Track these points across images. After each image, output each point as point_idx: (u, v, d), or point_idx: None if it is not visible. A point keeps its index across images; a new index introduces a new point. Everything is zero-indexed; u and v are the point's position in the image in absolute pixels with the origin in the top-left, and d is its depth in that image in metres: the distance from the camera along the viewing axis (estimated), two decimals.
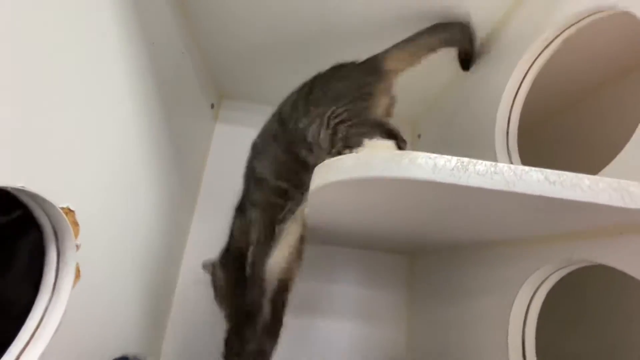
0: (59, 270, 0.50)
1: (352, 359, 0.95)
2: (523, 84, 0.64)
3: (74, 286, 0.50)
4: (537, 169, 0.33)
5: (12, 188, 0.38)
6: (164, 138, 0.75)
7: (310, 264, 0.99)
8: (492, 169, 0.33)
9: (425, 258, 0.96)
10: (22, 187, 0.39)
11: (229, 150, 1.04)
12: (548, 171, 0.33)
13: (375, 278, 1.02)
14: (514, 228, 0.53)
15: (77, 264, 0.50)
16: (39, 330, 0.47)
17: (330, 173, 0.37)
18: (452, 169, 0.33)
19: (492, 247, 0.66)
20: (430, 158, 0.33)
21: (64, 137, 0.46)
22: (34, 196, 0.43)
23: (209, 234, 0.86)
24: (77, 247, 0.50)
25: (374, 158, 0.35)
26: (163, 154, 0.75)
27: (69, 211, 0.48)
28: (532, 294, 0.56)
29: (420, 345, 0.90)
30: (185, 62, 0.80)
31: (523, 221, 0.48)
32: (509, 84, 0.64)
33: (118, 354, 0.64)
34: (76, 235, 0.50)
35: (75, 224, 0.50)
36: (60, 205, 0.46)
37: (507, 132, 0.66)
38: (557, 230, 0.50)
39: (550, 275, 0.55)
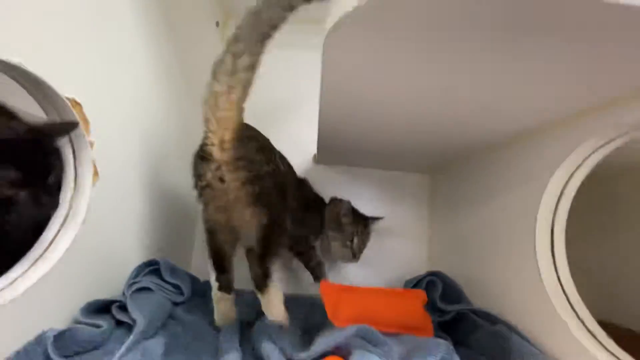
0: (77, 169, 0.50)
1: (375, 276, 0.97)
2: None
3: (93, 184, 0.51)
4: None
5: (8, 63, 0.37)
6: (168, 49, 0.72)
7: (332, 184, 0.99)
8: None
9: (446, 173, 0.92)
10: (19, 63, 0.37)
11: None
12: None
13: (396, 197, 1.01)
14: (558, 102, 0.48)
15: (94, 161, 0.51)
16: (65, 225, 0.48)
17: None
18: None
19: (518, 141, 0.61)
20: None
21: (65, 31, 0.44)
22: (36, 81, 0.41)
23: None
24: (91, 143, 0.50)
25: None
26: (167, 63, 0.72)
27: (76, 104, 0.47)
28: (565, 181, 0.52)
29: (441, 258, 0.90)
30: None
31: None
32: None
33: (147, 259, 0.66)
34: (87, 131, 0.49)
35: (85, 120, 0.49)
36: (65, 95, 0.45)
37: None
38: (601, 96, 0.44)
39: (586, 159, 0.50)
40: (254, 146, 0.58)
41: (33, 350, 0.37)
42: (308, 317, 0.66)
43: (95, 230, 0.54)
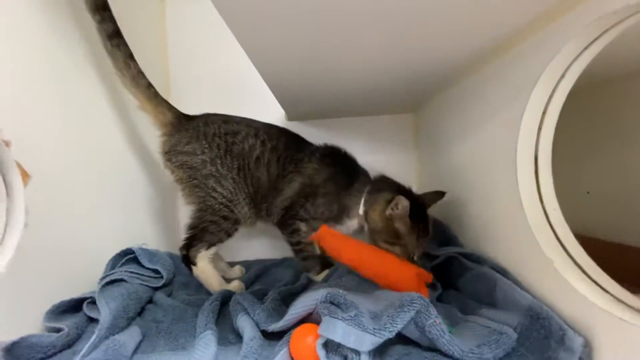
0: (4, 176, 0.47)
1: None
2: None
3: (25, 185, 0.47)
4: None
5: None
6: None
7: (316, 138, 0.93)
8: None
9: (429, 108, 0.84)
10: None
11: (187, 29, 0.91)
12: None
13: (381, 141, 0.95)
14: None
15: (17, 162, 0.46)
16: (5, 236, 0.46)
17: None
18: None
19: (493, 59, 0.53)
20: None
21: None
22: None
23: None
24: (7, 143, 0.45)
25: None
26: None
27: None
28: (547, 96, 0.44)
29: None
30: None
31: None
32: None
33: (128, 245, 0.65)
34: None
35: None
36: None
37: None
38: None
39: (569, 67, 0.41)
40: (185, 136, 0.69)
41: None
42: (289, 284, 0.65)
43: (55, 230, 0.52)
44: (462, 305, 0.51)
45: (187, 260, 0.68)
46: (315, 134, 0.93)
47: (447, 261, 0.63)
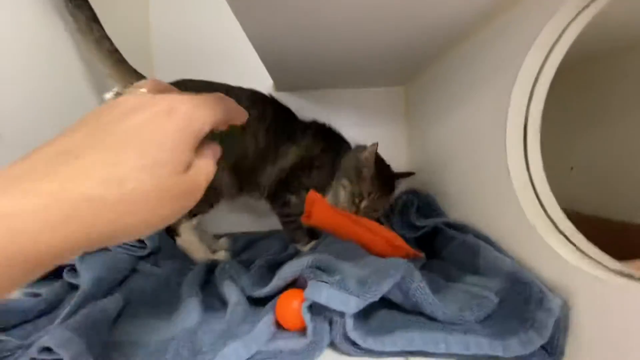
0: None
1: None
2: None
3: None
4: None
5: None
6: None
7: (305, 110, 0.91)
8: None
9: (420, 81, 0.82)
10: None
11: None
12: None
13: (371, 114, 0.94)
14: None
15: None
16: None
17: None
18: None
19: (484, 26, 0.51)
20: None
21: None
22: None
23: None
24: None
25: None
26: None
27: None
28: (540, 63, 0.43)
29: (420, 172, 0.85)
30: None
31: None
32: None
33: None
34: None
35: None
36: None
37: None
38: None
39: (563, 32, 0.41)
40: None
41: None
42: (278, 254, 0.65)
43: None
44: (446, 273, 0.52)
45: (170, 231, 0.67)
46: (305, 106, 0.91)
47: (432, 233, 0.64)
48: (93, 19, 0.60)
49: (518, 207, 0.43)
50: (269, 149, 0.69)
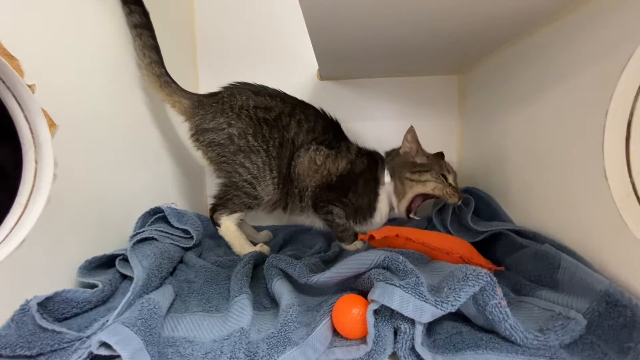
0: (29, 122, 0.43)
1: None
2: None
3: (52, 135, 0.44)
4: None
5: None
6: None
7: (343, 101, 0.86)
8: None
9: (479, 69, 0.75)
10: None
11: None
12: None
13: (421, 104, 0.88)
14: None
15: (43, 109, 0.43)
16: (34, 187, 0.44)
17: None
18: None
19: (576, 6, 0.44)
20: None
21: None
22: None
23: None
24: (32, 88, 0.42)
25: None
26: None
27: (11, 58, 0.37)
28: None
29: (475, 169, 0.79)
30: None
31: None
32: None
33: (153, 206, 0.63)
34: (20, 73, 0.41)
35: (9, 57, 0.40)
36: None
37: None
38: None
39: None
40: (209, 111, 0.66)
41: (20, 321, 0.36)
42: (322, 251, 0.62)
43: (87, 187, 0.50)
44: (515, 284, 0.47)
45: (213, 222, 0.70)
46: (349, 96, 0.87)
47: (491, 237, 0.58)
48: (149, 47, 0.64)
49: (617, 217, 0.37)
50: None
